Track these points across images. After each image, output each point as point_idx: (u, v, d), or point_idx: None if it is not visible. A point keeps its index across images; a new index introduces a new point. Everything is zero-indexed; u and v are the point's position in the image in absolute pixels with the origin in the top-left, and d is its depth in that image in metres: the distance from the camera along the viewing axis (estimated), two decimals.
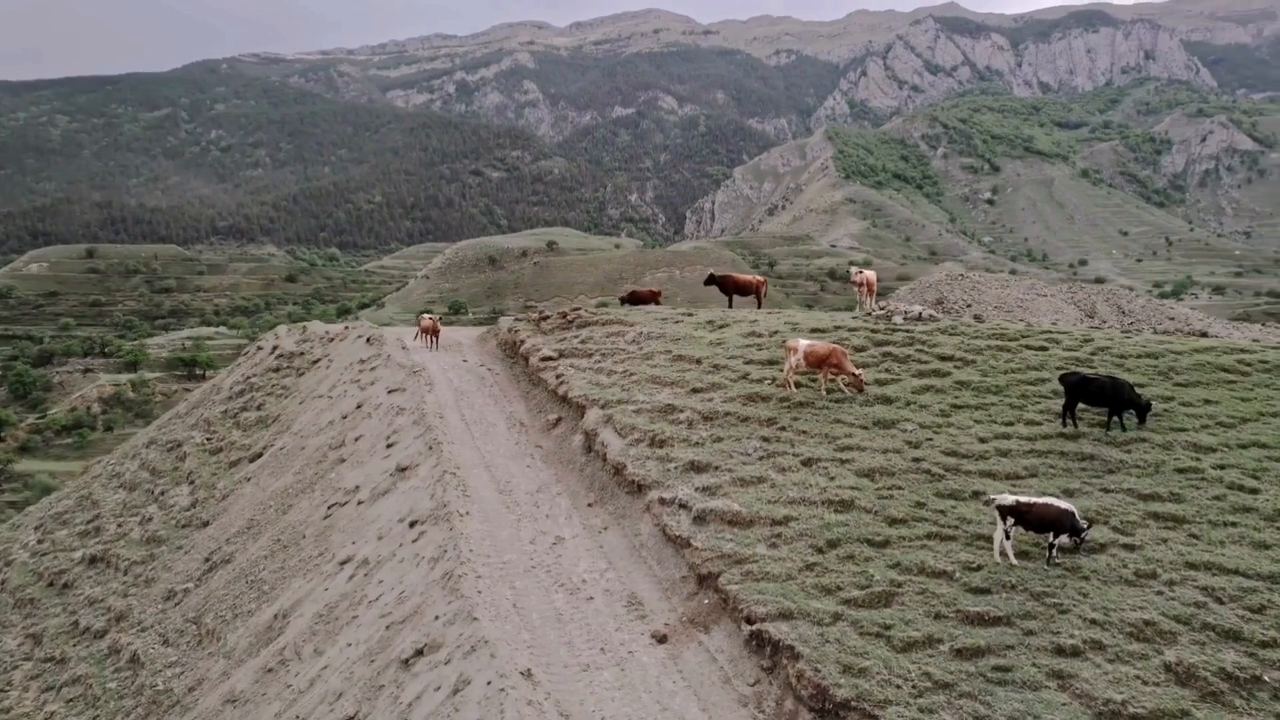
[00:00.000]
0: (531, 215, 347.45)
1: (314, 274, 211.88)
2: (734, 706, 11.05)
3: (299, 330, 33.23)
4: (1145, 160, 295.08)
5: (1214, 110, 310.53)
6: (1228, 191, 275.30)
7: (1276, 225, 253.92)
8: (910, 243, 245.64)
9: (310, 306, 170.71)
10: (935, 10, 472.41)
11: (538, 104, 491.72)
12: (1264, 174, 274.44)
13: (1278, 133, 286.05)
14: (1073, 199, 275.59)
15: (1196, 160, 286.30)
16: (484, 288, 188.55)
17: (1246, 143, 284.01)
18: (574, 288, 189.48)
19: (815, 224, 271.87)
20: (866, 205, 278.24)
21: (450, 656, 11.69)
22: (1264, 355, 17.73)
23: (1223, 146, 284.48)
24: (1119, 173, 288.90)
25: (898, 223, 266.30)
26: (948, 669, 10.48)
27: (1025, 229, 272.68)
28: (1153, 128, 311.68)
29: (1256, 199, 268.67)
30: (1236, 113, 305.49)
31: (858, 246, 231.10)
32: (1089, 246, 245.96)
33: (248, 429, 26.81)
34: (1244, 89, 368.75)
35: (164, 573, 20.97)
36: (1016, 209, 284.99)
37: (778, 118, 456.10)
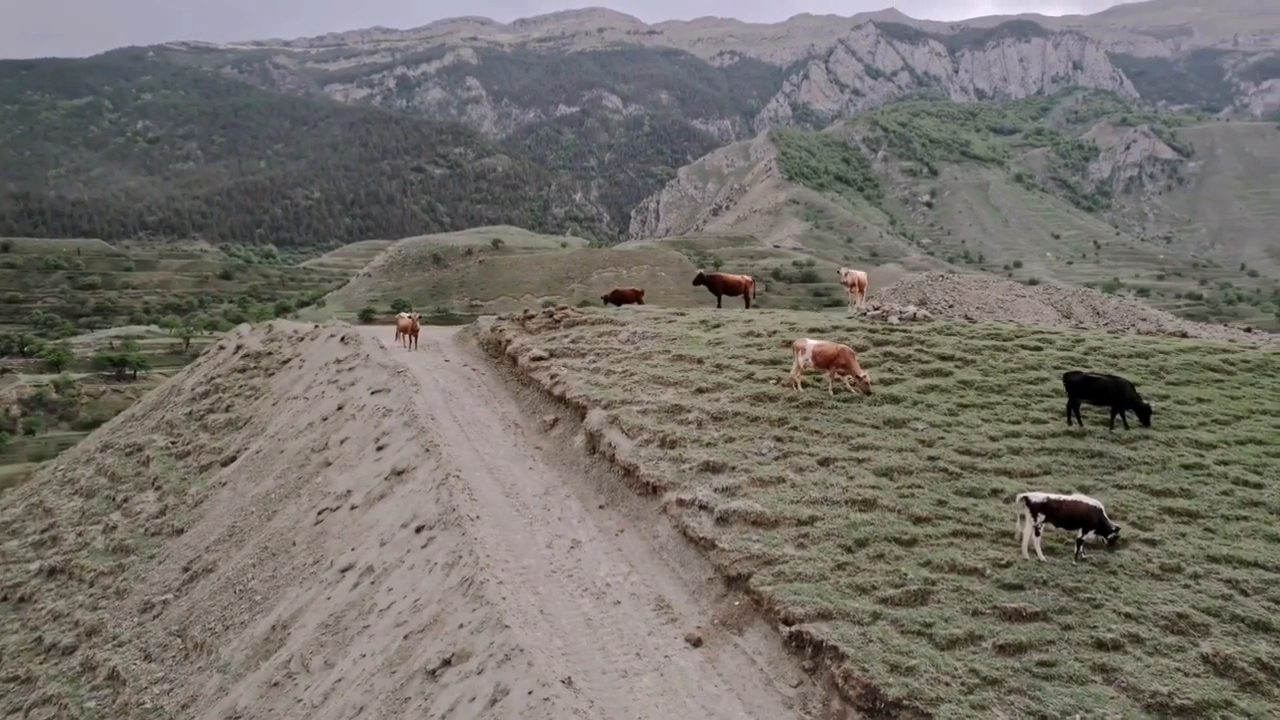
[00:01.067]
0: (475, 213, 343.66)
1: (250, 271, 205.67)
2: (779, 709, 10.96)
3: (264, 329, 32.08)
4: (1075, 166, 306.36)
5: (1137, 120, 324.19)
6: (1150, 198, 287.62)
7: (1194, 231, 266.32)
8: (852, 244, 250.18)
9: (247, 304, 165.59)
10: (875, 16, 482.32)
11: (481, 101, 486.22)
12: (1183, 182, 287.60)
13: (1194, 143, 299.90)
14: (1007, 203, 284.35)
15: (1121, 167, 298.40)
16: (428, 286, 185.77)
17: (1167, 152, 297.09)
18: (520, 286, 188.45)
19: (759, 224, 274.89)
20: (809, 206, 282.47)
21: (483, 666, 11.34)
22: (1244, 355, 18.46)
23: (1145, 155, 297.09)
24: (1050, 178, 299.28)
25: (840, 224, 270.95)
26: (993, 665, 10.57)
27: (963, 231, 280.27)
28: (1081, 135, 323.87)
29: (1176, 206, 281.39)
30: (1158, 123, 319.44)
31: (801, 247, 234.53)
32: (1023, 249, 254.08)
33: (216, 432, 25.76)
34: (1164, 100, 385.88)
35: (137, 584, 19.98)
36: (954, 212, 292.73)
37: (721, 119, 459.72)
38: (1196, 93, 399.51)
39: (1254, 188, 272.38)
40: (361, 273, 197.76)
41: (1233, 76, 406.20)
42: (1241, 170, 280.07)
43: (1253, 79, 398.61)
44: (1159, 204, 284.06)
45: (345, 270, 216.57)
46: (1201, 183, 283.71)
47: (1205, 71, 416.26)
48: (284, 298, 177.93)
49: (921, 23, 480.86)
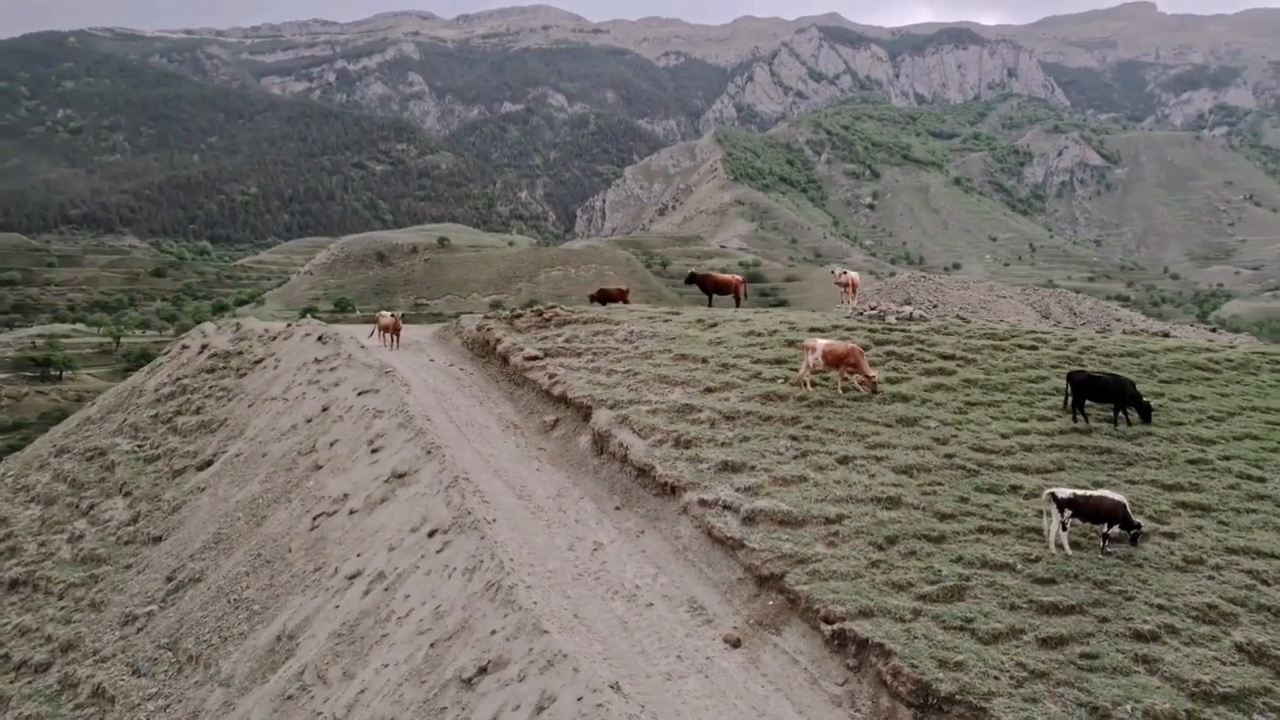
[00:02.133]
0: (418, 211, 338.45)
1: (184, 268, 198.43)
2: (828, 707, 10.96)
3: (232, 328, 30.93)
4: (1010, 171, 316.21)
5: (1068, 127, 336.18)
6: (1081, 203, 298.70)
7: (1122, 235, 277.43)
8: (796, 245, 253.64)
9: (181, 303, 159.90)
10: (818, 20, 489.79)
11: (423, 96, 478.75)
12: (1111, 188, 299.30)
13: (1121, 151, 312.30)
14: (946, 205, 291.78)
15: (1054, 173, 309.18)
16: (372, 285, 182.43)
17: (1096, 159, 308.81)
18: (467, 285, 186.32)
19: (705, 225, 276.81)
20: (755, 207, 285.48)
21: (524, 673, 11.07)
22: (1227, 354, 19.22)
23: (1076, 161, 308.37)
24: (987, 181, 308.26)
25: (784, 225, 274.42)
26: (1038, 658, 10.74)
27: (904, 233, 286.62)
28: (1016, 141, 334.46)
29: (1105, 210, 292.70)
30: (1087, 130, 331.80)
31: (746, 247, 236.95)
32: (962, 251, 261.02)
33: (188, 434, 24.74)
34: (1092, 109, 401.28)
35: (115, 595, 19.05)
36: (895, 214, 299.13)
37: (667, 119, 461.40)
38: (1121, 102, 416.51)
39: (1174, 194, 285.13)
40: (302, 271, 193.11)
41: (1154, 88, 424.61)
42: (1163, 178, 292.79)
43: (1173, 91, 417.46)
44: (1089, 208, 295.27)
45: (285, 268, 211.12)
46: (1128, 189, 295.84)
47: (1129, 82, 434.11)
48: (221, 296, 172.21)
49: (863, 27, 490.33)
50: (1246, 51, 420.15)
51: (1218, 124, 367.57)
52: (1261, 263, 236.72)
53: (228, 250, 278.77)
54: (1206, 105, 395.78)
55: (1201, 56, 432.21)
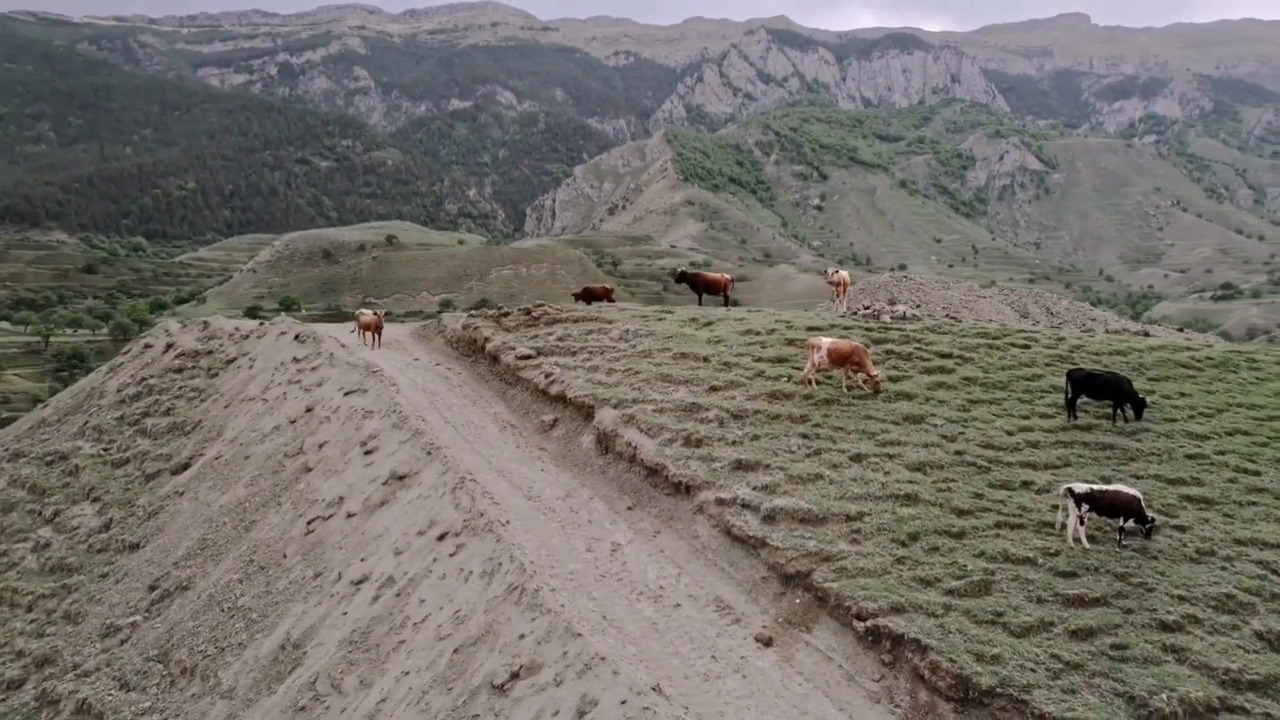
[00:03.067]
0: (364, 208, 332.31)
1: (118, 265, 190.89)
2: (867, 704, 11.00)
3: (198, 326, 29.81)
4: (954, 174, 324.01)
5: (1009, 132, 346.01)
6: (1021, 206, 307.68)
7: (1060, 238, 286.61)
8: (746, 245, 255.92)
9: (115, 301, 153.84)
10: (767, 22, 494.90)
11: (369, 92, 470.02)
12: (1049, 192, 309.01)
13: (1058, 156, 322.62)
14: (893, 207, 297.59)
15: (996, 176, 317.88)
16: (318, 283, 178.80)
17: (1035, 163, 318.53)
18: (417, 284, 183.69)
19: (656, 224, 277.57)
20: (705, 207, 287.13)
21: (560, 677, 10.87)
22: (1207, 353, 19.93)
23: (1016, 165, 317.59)
24: (932, 184, 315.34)
25: (734, 225, 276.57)
26: (1071, 650, 10.94)
27: (851, 234, 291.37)
28: (959, 145, 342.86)
29: (1044, 214, 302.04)
30: (1026, 136, 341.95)
31: (697, 247, 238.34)
32: (908, 251, 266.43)
33: (158, 437, 23.79)
34: (1031, 115, 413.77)
35: (92, 606, 18.21)
36: (843, 215, 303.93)
37: (617, 118, 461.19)
38: (1059, 109, 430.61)
39: (1109, 199, 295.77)
40: (245, 268, 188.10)
41: (1089, 96, 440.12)
42: (1098, 183, 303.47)
43: (1106, 99, 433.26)
44: (1029, 211, 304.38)
45: (226, 265, 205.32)
46: (1065, 193, 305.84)
47: (1066, 90, 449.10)
48: (159, 294, 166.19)
49: (811, 31, 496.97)
50: (1173, 64, 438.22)
51: (1147, 132, 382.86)
52: (1188, 266, 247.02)
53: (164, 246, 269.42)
54: (1137, 114, 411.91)
55: (1132, 67, 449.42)
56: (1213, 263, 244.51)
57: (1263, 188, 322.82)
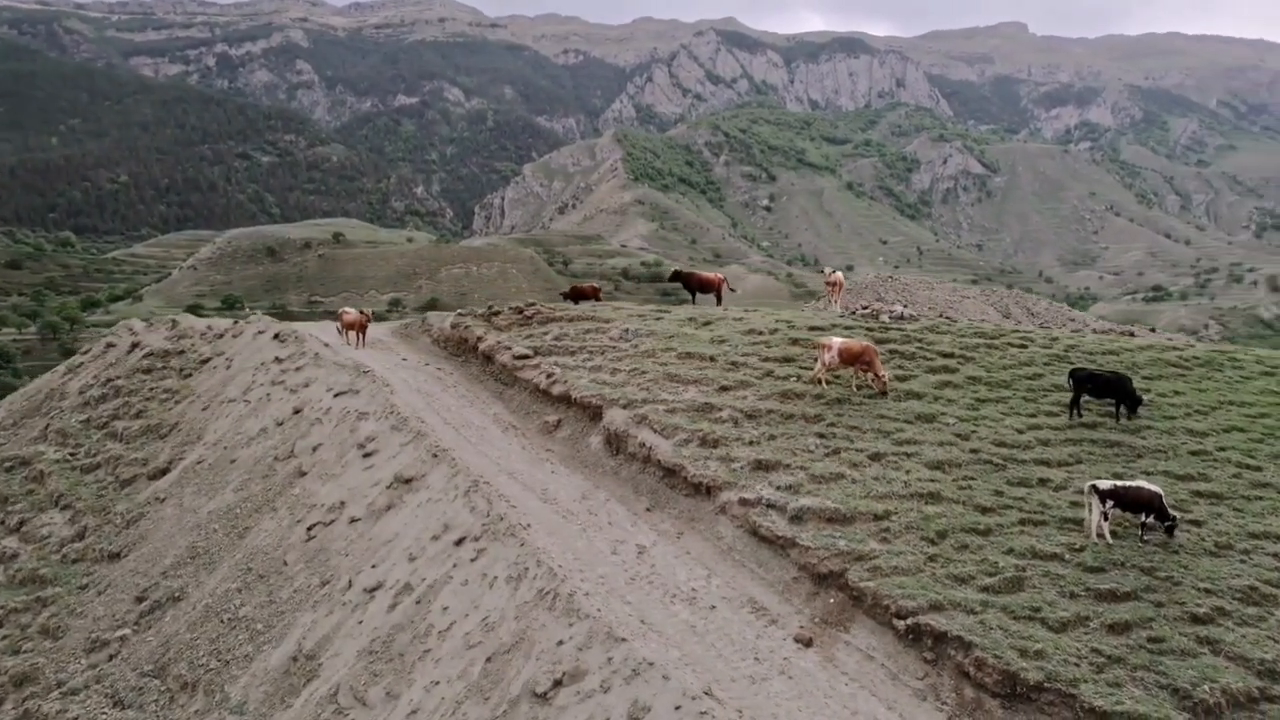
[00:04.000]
0: (308, 205, 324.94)
1: (45, 260, 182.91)
2: (914, 702, 11.02)
3: (166, 325, 28.60)
4: (899, 177, 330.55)
5: (952, 136, 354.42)
6: (964, 208, 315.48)
7: (1001, 240, 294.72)
8: (696, 245, 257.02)
9: (43, 298, 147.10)
10: (716, 24, 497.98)
11: (313, 86, 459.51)
12: (991, 195, 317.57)
13: (999, 160, 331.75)
14: (840, 209, 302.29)
15: (939, 179, 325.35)
16: (262, 281, 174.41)
17: (977, 167, 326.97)
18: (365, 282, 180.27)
19: (606, 224, 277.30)
20: (655, 207, 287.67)
21: (607, 683, 10.65)
22: (1193, 352, 20.59)
23: (959, 169, 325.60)
24: (878, 187, 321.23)
25: (684, 225, 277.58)
26: (1110, 644, 11.12)
27: (799, 235, 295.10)
28: (904, 148, 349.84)
29: (986, 216, 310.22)
30: (969, 140, 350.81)
31: (647, 247, 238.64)
32: (855, 253, 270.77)
33: (131, 440, 22.77)
34: (973, 120, 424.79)
35: (73, 619, 17.31)
36: (791, 216, 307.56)
37: (566, 117, 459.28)
38: (999, 115, 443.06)
39: (1047, 203, 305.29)
40: (185, 265, 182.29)
41: (1027, 103, 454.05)
42: (1037, 187, 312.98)
43: (1043, 106, 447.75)
44: (972, 214, 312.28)
45: (164, 262, 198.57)
46: (1006, 196, 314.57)
47: (1005, 97, 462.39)
48: (90, 291, 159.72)
49: (760, 33, 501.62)
50: (1106, 74, 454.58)
51: (1082, 139, 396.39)
52: (1121, 268, 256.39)
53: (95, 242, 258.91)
54: (1073, 121, 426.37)
55: (1068, 76, 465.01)
56: (1144, 265, 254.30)
57: (1188, 194, 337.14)
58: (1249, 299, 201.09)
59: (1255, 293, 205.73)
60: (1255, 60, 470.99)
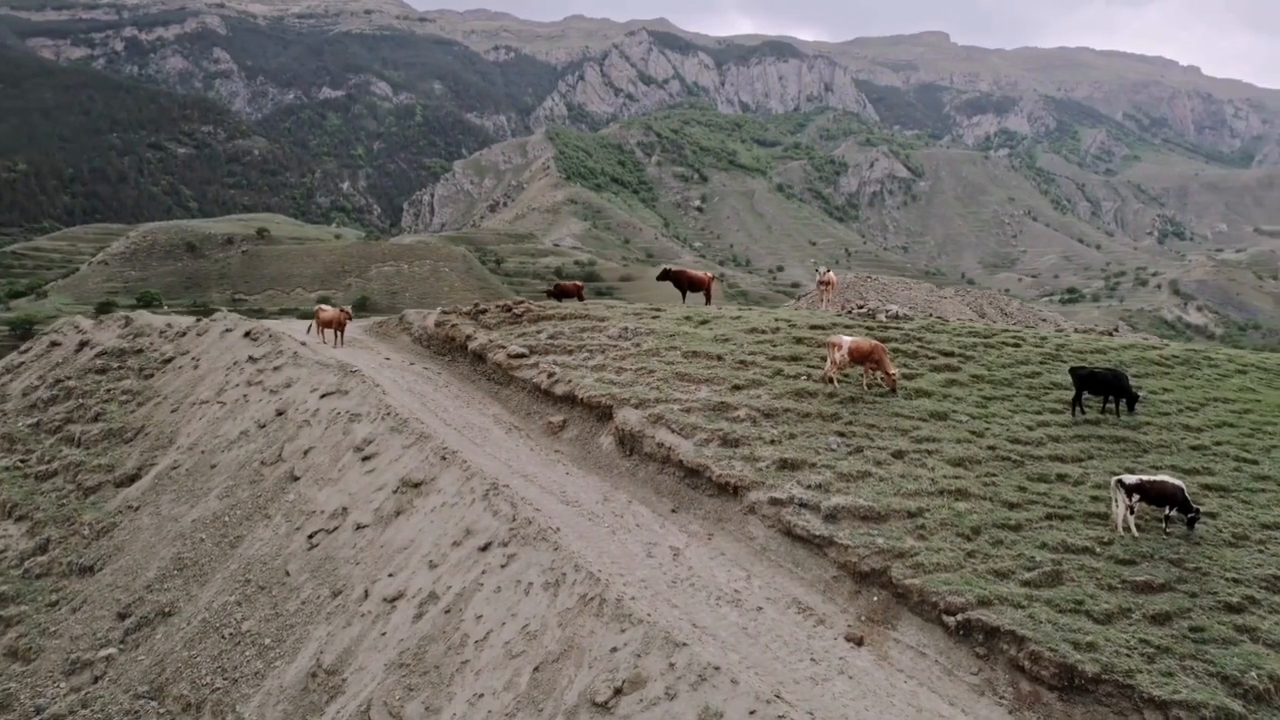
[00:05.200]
0: (228, 199, 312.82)
1: None
2: (973, 697, 11.08)
3: (118, 322, 26.88)
4: (828, 180, 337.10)
5: (878, 141, 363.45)
6: (890, 212, 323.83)
7: (925, 243, 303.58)
8: (629, 245, 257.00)
9: None
10: (648, 24, 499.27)
11: (231, 76, 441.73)
12: (916, 199, 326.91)
13: (924, 165, 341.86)
14: (770, 210, 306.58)
15: (866, 183, 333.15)
16: (181, 278, 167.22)
17: (903, 171, 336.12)
18: (291, 280, 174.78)
19: (538, 223, 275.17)
20: (587, 207, 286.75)
21: (673, 690, 10.39)
22: (1171, 351, 21.43)
23: (885, 173, 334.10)
24: (807, 189, 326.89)
25: (617, 225, 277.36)
26: (1154, 635, 11.39)
27: (731, 236, 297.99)
28: (832, 152, 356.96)
29: (911, 220, 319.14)
30: (895, 145, 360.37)
31: (580, 246, 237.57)
32: (785, 254, 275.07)
33: (91, 445, 21.36)
34: (898, 125, 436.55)
35: (46, 639, 16.09)
36: (723, 217, 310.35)
37: (497, 114, 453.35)
38: (923, 120, 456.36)
39: (969, 207, 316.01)
40: (94, 260, 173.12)
41: (950, 110, 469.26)
42: (959, 191, 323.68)
43: (965, 113, 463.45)
44: (897, 217, 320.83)
45: (70, 257, 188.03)
46: (930, 200, 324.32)
47: (929, 103, 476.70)
48: None
49: (691, 35, 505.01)
50: (1022, 84, 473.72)
51: (1001, 146, 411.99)
52: (1038, 271, 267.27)
53: None
54: (992, 129, 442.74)
55: (987, 85, 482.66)
56: (1059, 268, 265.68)
57: (1098, 201, 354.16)
58: (1154, 301, 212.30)
59: (1159, 295, 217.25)
60: (1156, 76, 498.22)
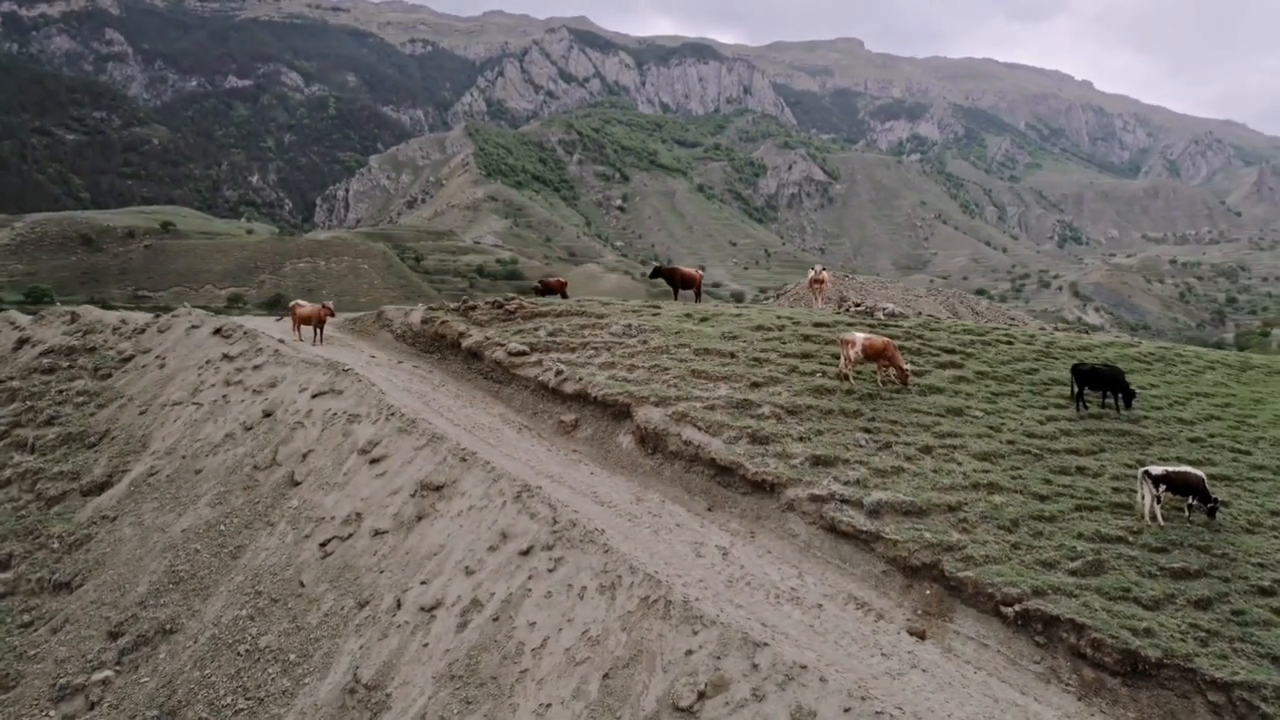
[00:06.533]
0: (125, 190, 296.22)
1: None
2: (1040, 685, 11.29)
3: (62, 318, 24.89)
4: (747, 181, 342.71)
5: (796, 144, 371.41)
6: (808, 214, 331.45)
7: (842, 244, 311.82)
8: (551, 243, 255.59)
9: None
10: (569, 22, 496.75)
11: (126, 59, 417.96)
12: (832, 201, 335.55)
13: (840, 168, 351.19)
14: (691, 211, 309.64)
15: (785, 185, 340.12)
16: (76, 273, 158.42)
17: (820, 174, 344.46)
18: (200, 276, 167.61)
19: (458, 220, 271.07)
20: (508, 204, 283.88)
21: (760, 690, 10.24)
22: (1147, 349, 22.46)
23: (803, 176, 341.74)
24: (727, 190, 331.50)
25: (538, 223, 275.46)
26: (1201, 619, 11.84)
27: (652, 235, 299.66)
28: (752, 154, 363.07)
29: (828, 222, 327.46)
30: (812, 148, 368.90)
31: (501, 244, 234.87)
32: (706, 254, 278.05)
33: (48, 451, 19.73)
34: (815, 129, 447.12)
35: (26, 664, 14.76)
36: (644, 217, 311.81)
37: (414, 108, 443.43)
38: (839, 125, 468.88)
39: (883, 210, 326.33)
40: None
41: (864, 115, 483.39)
42: (874, 195, 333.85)
43: (878, 119, 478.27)
44: (815, 219, 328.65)
45: None
46: (845, 203, 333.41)
47: (844, 108, 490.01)
48: None
49: (612, 34, 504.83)
50: (932, 92, 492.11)
51: (913, 151, 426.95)
52: (949, 273, 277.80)
53: None
54: (905, 134, 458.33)
55: (900, 92, 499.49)
56: (968, 270, 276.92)
57: (1004, 206, 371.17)
58: (1056, 302, 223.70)
59: (1061, 297, 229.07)
60: (1054, 90, 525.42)
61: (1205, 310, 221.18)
